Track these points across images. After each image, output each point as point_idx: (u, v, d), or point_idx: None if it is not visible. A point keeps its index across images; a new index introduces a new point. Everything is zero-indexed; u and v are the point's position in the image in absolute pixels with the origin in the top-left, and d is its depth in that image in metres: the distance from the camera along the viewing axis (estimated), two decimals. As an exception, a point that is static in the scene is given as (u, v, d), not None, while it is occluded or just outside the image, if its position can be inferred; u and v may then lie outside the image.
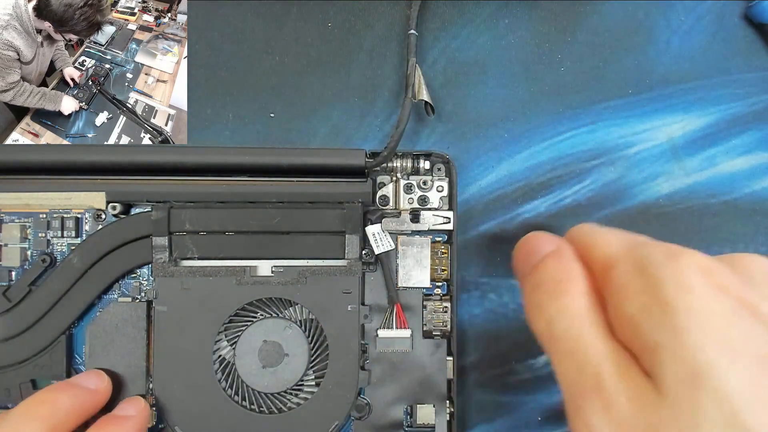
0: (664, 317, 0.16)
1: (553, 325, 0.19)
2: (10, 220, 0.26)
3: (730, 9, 0.28)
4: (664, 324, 0.16)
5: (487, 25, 0.29)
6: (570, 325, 0.19)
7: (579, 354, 0.18)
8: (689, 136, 0.28)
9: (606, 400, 0.17)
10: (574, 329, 0.19)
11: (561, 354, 0.19)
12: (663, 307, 0.17)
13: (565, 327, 0.19)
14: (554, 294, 0.20)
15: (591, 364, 0.18)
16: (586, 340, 0.18)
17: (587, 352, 0.18)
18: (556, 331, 0.19)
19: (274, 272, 0.26)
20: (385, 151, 0.25)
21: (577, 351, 0.18)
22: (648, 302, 0.17)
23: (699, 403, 0.15)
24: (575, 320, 0.19)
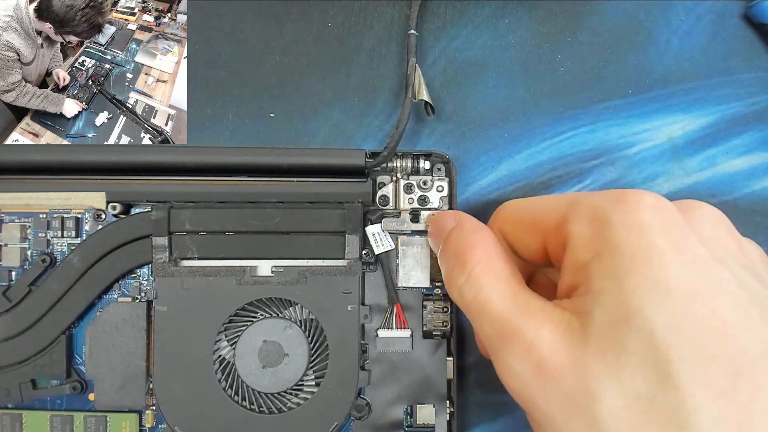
0: (610, 262, 0.17)
1: (464, 293, 0.20)
2: (10, 220, 0.26)
3: (730, 9, 0.28)
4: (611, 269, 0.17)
5: (487, 25, 0.29)
6: (478, 289, 0.20)
7: (493, 314, 0.19)
8: (689, 136, 0.28)
9: (524, 344, 0.18)
10: (483, 293, 0.20)
11: (476, 317, 0.20)
12: (612, 251, 0.17)
13: (475, 293, 0.20)
14: (459, 265, 0.21)
15: (506, 320, 0.19)
16: (499, 302, 0.19)
17: (501, 311, 0.19)
18: (467, 298, 0.20)
19: (274, 272, 0.26)
20: (385, 151, 0.25)
21: (491, 312, 0.19)
22: (599, 248, 0.18)
23: (623, 340, 0.16)
24: (482, 285, 0.20)
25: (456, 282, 0.21)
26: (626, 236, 0.17)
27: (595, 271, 0.17)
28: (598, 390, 0.16)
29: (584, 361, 0.16)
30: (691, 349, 0.15)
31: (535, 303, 0.19)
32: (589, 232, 0.18)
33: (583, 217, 0.18)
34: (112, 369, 0.26)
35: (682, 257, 0.16)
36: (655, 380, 0.15)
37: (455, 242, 0.22)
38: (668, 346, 0.15)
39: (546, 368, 0.17)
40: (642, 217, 0.17)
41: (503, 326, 0.19)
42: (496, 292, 0.19)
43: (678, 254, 0.17)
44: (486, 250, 0.21)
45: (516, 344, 0.18)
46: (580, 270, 0.18)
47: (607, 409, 0.16)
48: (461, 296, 0.21)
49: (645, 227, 0.17)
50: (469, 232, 0.22)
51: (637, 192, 0.18)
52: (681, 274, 0.16)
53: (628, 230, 0.17)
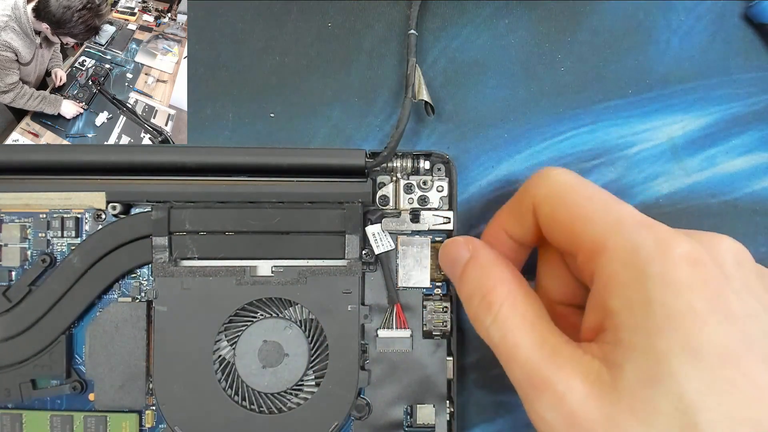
0: (643, 318, 0.17)
1: (491, 334, 0.20)
2: (10, 220, 0.26)
3: (730, 9, 0.28)
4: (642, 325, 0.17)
5: (487, 25, 0.29)
6: (505, 333, 0.20)
7: (522, 361, 0.19)
8: (689, 136, 0.28)
9: (555, 396, 0.18)
10: (511, 337, 0.19)
11: (504, 360, 0.20)
12: (645, 307, 0.17)
13: (502, 335, 0.20)
14: (484, 305, 0.21)
15: (536, 369, 0.19)
16: (527, 348, 0.19)
17: (530, 359, 0.19)
18: (494, 339, 0.20)
19: (274, 272, 0.26)
20: (385, 151, 0.25)
21: (520, 359, 0.19)
22: (633, 300, 0.17)
23: (654, 400, 0.16)
24: (509, 329, 0.20)
25: (482, 322, 0.21)
26: (663, 294, 0.17)
27: (627, 323, 0.17)
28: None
29: (615, 416, 0.17)
30: (720, 413, 0.16)
31: (564, 350, 0.19)
32: (624, 278, 0.18)
33: (620, 256, 0.18)
34: (112, 369, 0.26)
35: (718, 317, 0.17)
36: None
37: (475, 278, 0.21)
38: (697, 410, 0.16)
39: (578, 421, 0.17)
40: (681, 275, 0.17)
41: (533, 374, 0.19)
42: (525, 338, 0.19)
43: (714, 314, 0.17)
44: (510, 288, 0.20)
45: (547, 394, 0.18)
46: (610, 315, 0.18)
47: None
48: (488, 337, 0.20)
49: (682, 286, 0.17)
50: (488, 267, 0.21)
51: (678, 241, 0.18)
52: (714, 336, 0.16)
53: (664, 287, 0.17)
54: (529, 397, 0.19)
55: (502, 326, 0.20)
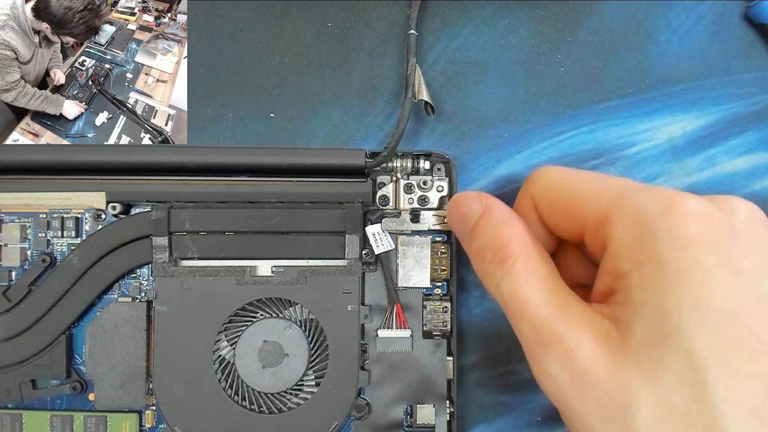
0: (653, 276, 0.17)
1: (502, 290, 0.20)
2: (10, 220, 0.26)
3: (730, 9, 0.28)
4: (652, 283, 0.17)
5: (487, 25, 0.29)
6: (517, 288, 0.20)
7: (531, 316, 0.19)
8: (689, 136, 0.28)
9: (564, 352, 0.18)
10: (522, 293, 0.19)
11: (514, 315, 0.20)
12: (655, 266, 0.17)
13: (513, 291, 0.20)
14: (496, 261, 0.20)
15: (545, 325, 0.19)
16: (537, 303, 0.19)
17: (540, 314, 0.19)
18: (504, 295, 0.20)
19: (274, 272, 0.26)
20: (385, 151, 0.25)
21: (529, 313, 0.19)
22: (643, 260, 0.17)
23: (662, 356, 0.16)
24: (521, 285, 0.20)
25: (493, 277, 0.20)
26: (671, 250, 0.17)
27: (636, 283, 0.17)
28: (635, 401, 0.17)
29: (623, 372, 0.17)
30: (728, 369, 0.16)
31: (575, 308, 0.19)
32: (632, 240, 0.18)
33: (626, 221, 0.18)
34: (112, 369, 0.26)
35: (726, 272, 0.17)
36: (691, 397, 0.16)
37: (487, 233, 0.21)
38: (705, 366, 0.16)
39: (585, 376, 0.17)
40: (688, 230, 0.17)
41: (541, 330, 0.19)
42: (536, 294, 0.19)
43: (721, 269, 0.17)
44: (524, 244, 0.20)
45: (555, 350, 0.18)
46: (620, 277, 0.18)
47: (642, 419, 0.16)
48: (499, 292, 0.20)
49: (690, 240, 0.17)
50: (501, 221, 0.21)
51: (684, 198, 0.18)
52: (723, 292, 0.16)
53: (672, 244, 0.17)
54: (536, 353, 0.19)
55: (514, 282, 0.20)
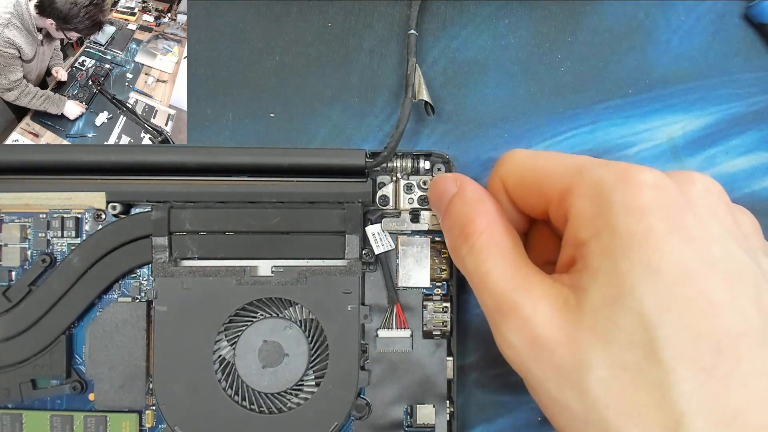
0: (609, 243, 0.18)
1: (466, 263, 0.21)
2: (10, 220, 0.26)
3: (730, 9, 0.28)
4: (608, 249, 0.18)
5: (487, 25, 0.29)
6: (480, 262, 0.20)
7: (492, 287, 0.20)
8: (689, 136, 0.28)
9: (521, 319, 0.19)
10: (485, 266, 0.20)
11: (477, 288, 0.21)
12: (610, 233, 0.18)
13: (476, 265, 0.20)
14: (462, 236, 0.21)
15: (505, 294, 0.19)
16: (498, 275, 0.20)
17: (500, 285, 0.20)
18: (469, 269, 0.21)
19: (274, 272, 0.26)
20: (385, 151, 0.25)
21: (490, 285, 0.20)
22: (600, 228, 0.18)
23: (615, 317, 0.17)
24: (483, 258, 0.20)
25: (459, 252, 0.21)
26: (625, 218, 0.18)
27: (594, 250, 0.18)
28: (588, 362, 0.17)
29: (577, 335, 0.18)
30: (677, 329, 0.16)
31: (534, 278, 0.19)
32: (590, 210, 0.19)
33: (585, 192, 0.19)
34: (112, 369, 0.26)
35: (677, 238, 0.17)
36: (642, 356, 0.16)
37: (457, 210, 0.22)
38: (655, 326, 0.16)
39: (540, 342, 0.18)
40: (642, 199, 0.18)
41: (502, 300, 0.19)
42: (497, 266, 0.20)
43: (673, 235, 0.17)
44: (489, 220, 0.21)
45: (513, 318, 0.19)
46: (580, 246, 0.19)
47: (595, 379, 0.17)
48: (464, 266, 0.21)
49: (644, 209, 0.18)
50: (471, 200, 0.22)
51: (639, 170, 0.18)
52: (674, 256, 0.17)
53: (627, 212, 0.18)
54: (496, 322, 0.20)
55: (477, 256, 0.21)
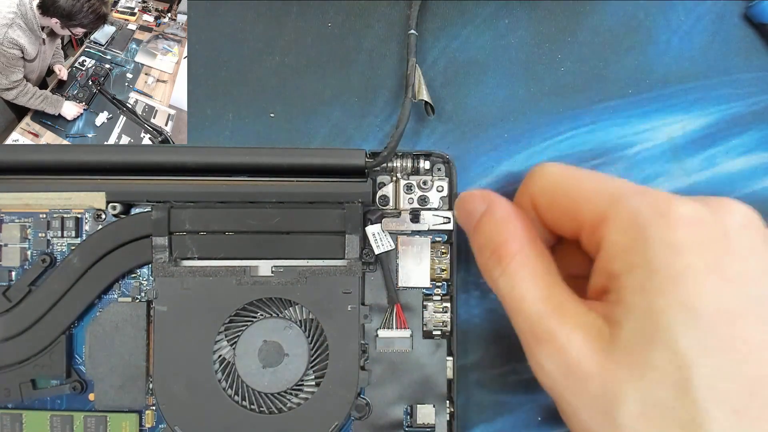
0: (644, 279, 0.18)
1: (499, 286, 0.21)
2: (10, 220, 0.26)
3: (730, 9, 0.28)
4: (643, 285, 0.18)
5: (487, 25, 0.29)
6: (513, 286, 0.20)
7: (527, 313, 0.20)
8: (689, 136, 0.28)
9: (556, 347, 0.19)
10: (517, 290, 0.20)
11: (511, 311, 0.21)
12: (646, 269, 0.18)
13: (510, 288, 0.20)
14: (494, 258, 0.21)
15: (540, 321, 0.19)
16: (532, 300, 0.20)
17: (535, 311, 0.19)
18: (502, 291, 0.21)
19: (274, 272, 0.26)
20: (385, 151, 0.25)
21: (525, 311, 0.20)
22: (634, 262, 0.18)
23: (649, 354, 0.17)
24: (517, 282, 0.20)
25: (491, 273, 0.21)
26: (661, 254, 0.17)
27: (628, 284, 0.18)
28: (620, 395, 0.17)
29: (611, 368, 0.18)
30: (712, 370, 0.16)
31: (569, 305, 0.19)
32: (626, 243, 0.18)
33: (621, 224, 0.19)
34: (112, 369, 0.26)
35: (715, 277, 0.17)
36: (675, 394, 0.16)
37: (488, 230, 0.22)
38: (689, 366, 0.16)
39: (575, 371, 0.18)
40: (679, 235, 0.18)
41: (536, 326, 0.19)
42: (532, 290, 0.20)
43: (711, 274, 0.17)
44: (521, 242, 0.21)
45: (548, 345, 0.19)
46: (613, 278, 0.19)
47: (627, 413, 0.17)
48: (496, 288, 0.21)
49: (681, 245, 0.17)
50: (502, 220, 0.22)
51: (677, 203, 0.18)
52: (711, 296, 0.17)
53: (663, 248, 0.17)
54: (531, 347, 0.20)
55: (511, 279, 0.20)
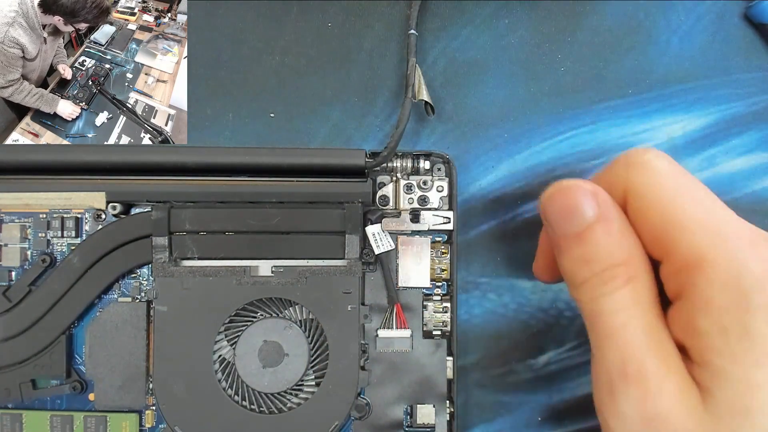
0: (739, 347, 0.16)
1: (600, 305, 0.18)
2: (10, 220, 0.26)
3: (730, 9, 0.28)
4: (738, 354, 0.16)
5: (487, 25, 0.29)
6: (619, 310, 0.18)
7: (623, 342, 0.18)
8: (689, 136, 0.28)
9: (645, 392, 0.17)
10: (622, 317, 0.18)
11: (603, 336, 0.18)
12: (743, 337, 0.16)
13: (613, 312, 0.18)
14: (606, 276, 0.18)
15: (635, 356, 0.17)
16: (634, 331, 0.18)
17: (633, 343, 0.17)
18: (602, 312, 0.18)
19: (274, 272, 0.26)
20: (385, 151, 0.25)
21: (622, 339, 0.18)
22: (729, 326, 0.16)
23: (741, 430, 0.16)
24: (624, 308, 0.18)
25: (594, 290, 0.19)
26: (764, 327, 0.16)
27: (719, 348, 0.16)
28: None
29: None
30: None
31: (668, 347, 0.18)
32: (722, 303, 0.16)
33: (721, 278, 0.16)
34: (112, 369, 0.26)
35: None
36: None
37: (603, 244, 0.19)
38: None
39: (656, 424, 0.17)
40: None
41: (631, 361, 0.17)
42: (636, 322, 0.18)
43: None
44: (638, 267, 0.18)
45: (637, 387, 0.17)
46: (697, 335, 0.17)
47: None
48: (594, 306, 0.18)
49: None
50: (622, 236, 0.19)
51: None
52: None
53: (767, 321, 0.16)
54: (613, 385, 0.17)
55: (618, 303, 0.18)
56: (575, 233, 0.19)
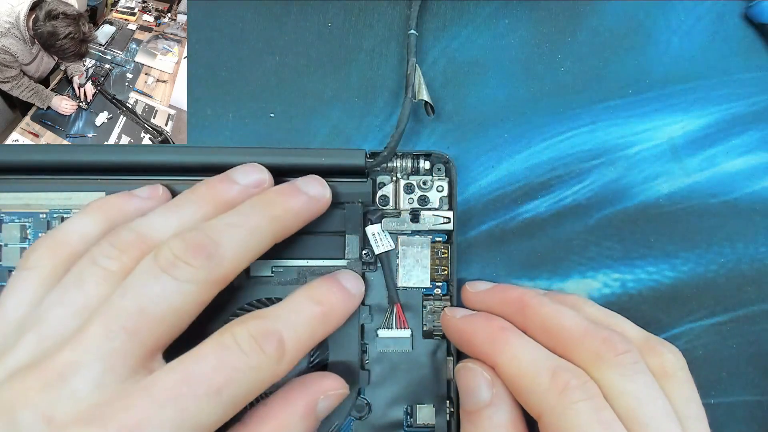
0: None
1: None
2: (10, 220, 0.26)
3: (730, 9, 0.28)
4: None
5: (487, 25, 0.29)
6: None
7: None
8: (689, 136, 0.28)
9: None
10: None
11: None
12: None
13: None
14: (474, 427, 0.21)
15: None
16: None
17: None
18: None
19: (274, 272, 0.26)
20: (385, 151, 0.25)
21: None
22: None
23: None
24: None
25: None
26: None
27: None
28: None
29: None
30: None
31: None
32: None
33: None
34: (112, 369, 0.26)
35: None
36: None
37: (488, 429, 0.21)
38: None
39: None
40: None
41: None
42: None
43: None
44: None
45: None
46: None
47: None
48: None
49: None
50: (507, 425, 0.21)
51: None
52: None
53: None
54: None
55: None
56: (469, 414, 0.22)
